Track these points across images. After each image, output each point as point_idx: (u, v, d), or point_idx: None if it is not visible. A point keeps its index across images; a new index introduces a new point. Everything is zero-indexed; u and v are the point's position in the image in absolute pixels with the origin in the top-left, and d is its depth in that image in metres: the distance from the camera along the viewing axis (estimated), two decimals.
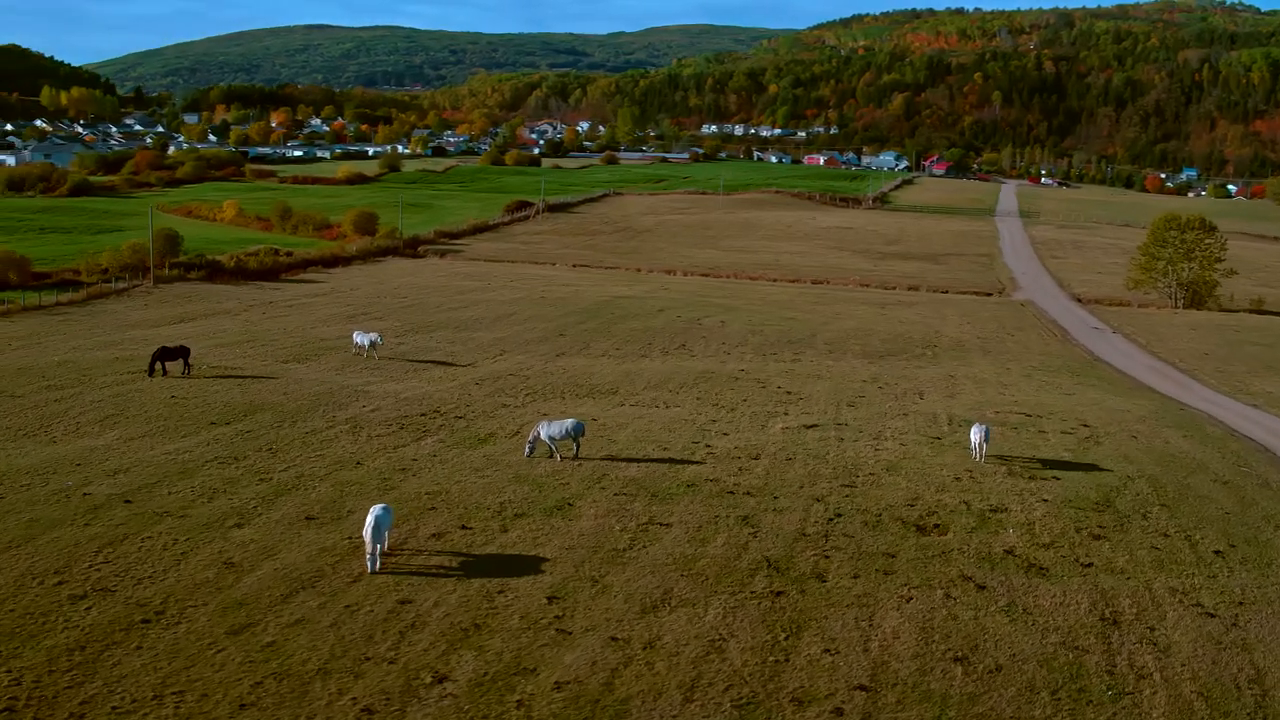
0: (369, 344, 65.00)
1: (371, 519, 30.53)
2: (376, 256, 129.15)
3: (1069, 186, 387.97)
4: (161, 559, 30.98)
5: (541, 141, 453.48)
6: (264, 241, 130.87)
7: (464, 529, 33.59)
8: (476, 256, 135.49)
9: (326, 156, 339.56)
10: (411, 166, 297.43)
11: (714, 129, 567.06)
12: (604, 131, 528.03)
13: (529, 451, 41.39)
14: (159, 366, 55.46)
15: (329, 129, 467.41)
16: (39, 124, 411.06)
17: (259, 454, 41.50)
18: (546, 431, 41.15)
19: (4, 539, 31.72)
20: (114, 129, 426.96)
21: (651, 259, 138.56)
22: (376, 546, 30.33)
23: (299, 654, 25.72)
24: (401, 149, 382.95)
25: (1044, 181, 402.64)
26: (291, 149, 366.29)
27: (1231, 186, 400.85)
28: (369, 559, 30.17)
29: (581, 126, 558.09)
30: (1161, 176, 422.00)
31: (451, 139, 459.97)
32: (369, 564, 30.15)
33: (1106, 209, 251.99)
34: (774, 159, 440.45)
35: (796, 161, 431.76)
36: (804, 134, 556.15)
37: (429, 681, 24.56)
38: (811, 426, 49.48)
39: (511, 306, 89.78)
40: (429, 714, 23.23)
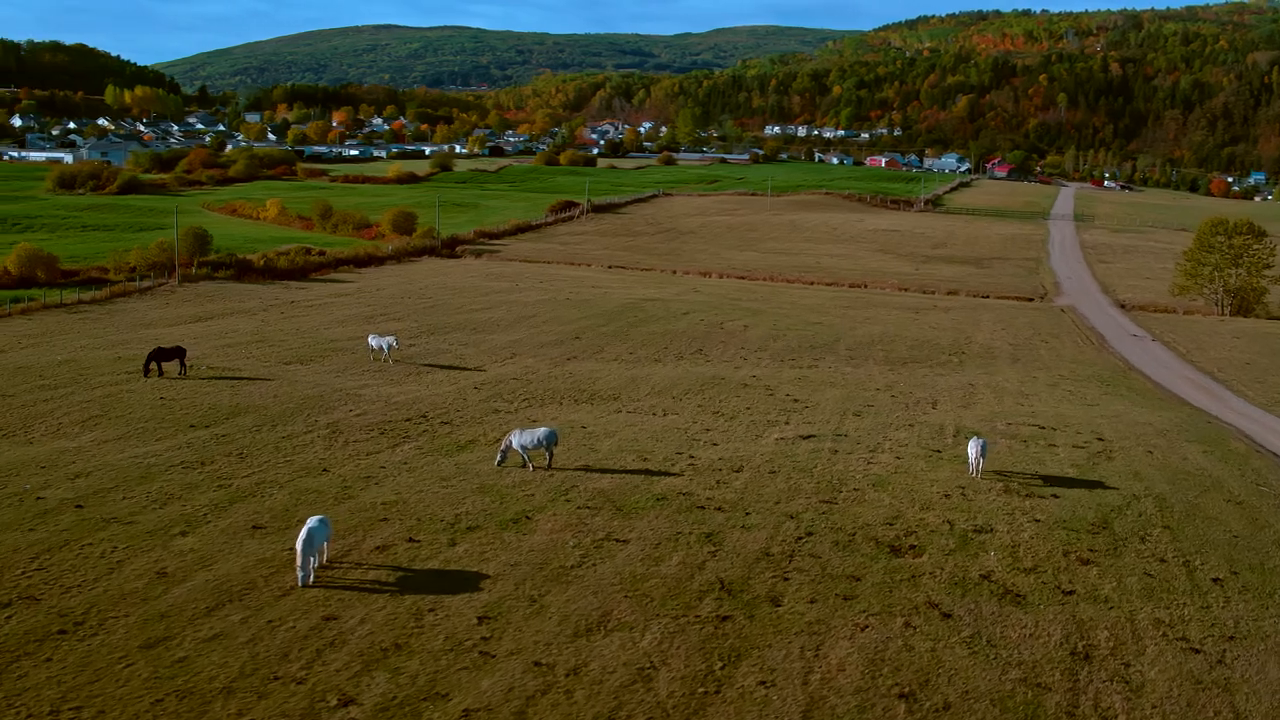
0: (385, 348, 63.92)
1: (305, 531, 29.46)
2: (411, 256, 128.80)
3: (1132, 190, 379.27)
4: (95, 567, 30.15)
5: (601, 142, 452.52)
6: (303, 241, 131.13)
7: (411, 542, 32.36)
8: (513, 257, 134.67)
9: (383, 156, 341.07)
10: (465, 166, 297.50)
11: (777, 130, 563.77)
12: (665, 132, 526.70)
13: (500, 461, 40.11)
14: (154, 367, 55.03)
15: (388, 128, 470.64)
16: (102, 123, 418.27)
17: (227, 459, 40.66)
18: (518, 441, 39.83)
19: None
20: (175, 127, 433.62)
21: (690, 261, 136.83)
22: (309, 559, 29.22)
23: (208, 671, 24.68)
24: (459, 148, 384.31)
25: (1107, 185, 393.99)
26: (348, 148, 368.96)
27: None
28: (300, 572, 29.05)
29: (644, 127, 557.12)
30: (1228, 180, 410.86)
31: (511, 139, 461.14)
32: (300, 577, 29.03)
33: (1165, 213, 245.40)
34: (835, 160, 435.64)
35: (859, 163, 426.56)
36: (867, 136, 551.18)
37: (334, 704, 23.38)
38: (808, 437, 47.67)
39: (533, 308, 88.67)
40: None
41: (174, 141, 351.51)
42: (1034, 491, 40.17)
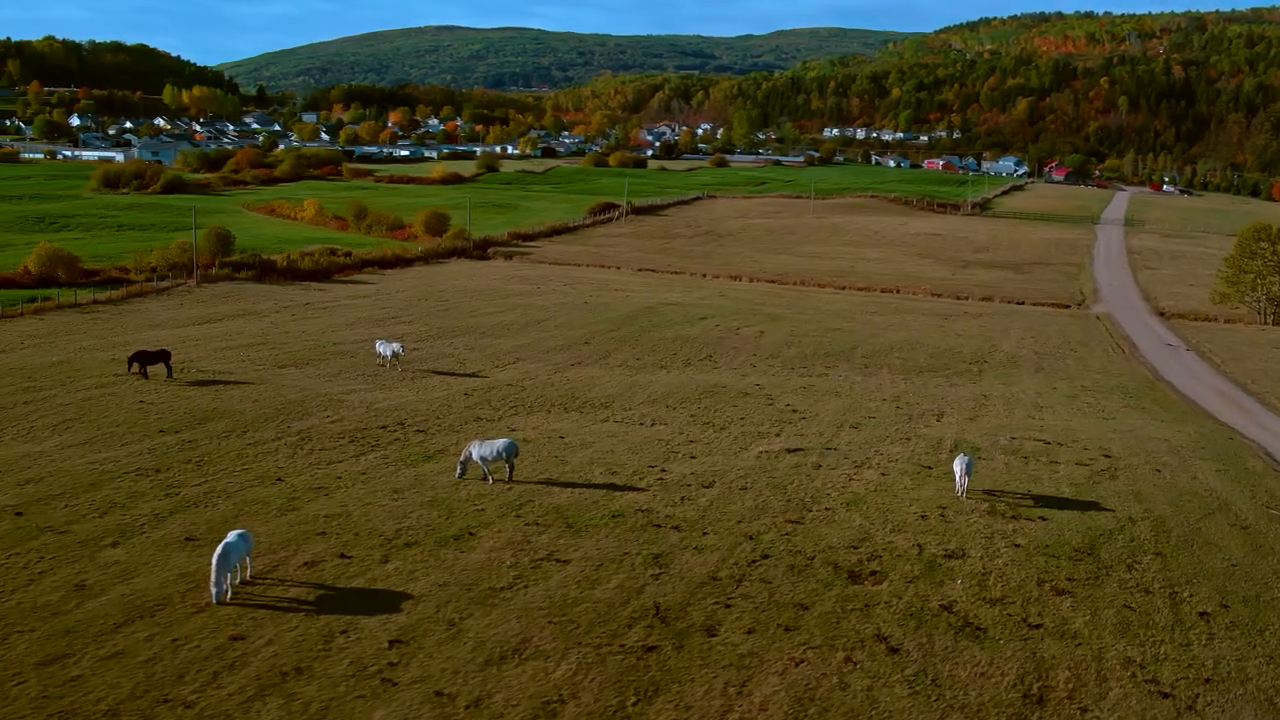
0: (391, 354, 62.52)
1: (221, 547, 28.32)
2: (441, 258, 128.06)
3: (1190, 194, 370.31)
4: (16, 579, 29.24)
5: (656, 143, 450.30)
6: (336, 242, 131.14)
7: (342, 558, 31.07)
8: (543, 259, 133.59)
9: (434, 156, 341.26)
10: (513, 167, 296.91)
11: (835, 133, 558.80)
12: (721, 134, 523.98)
13: (460, 473, 38.74)
14: (135, 368, 54.38)
15: (442, 129, 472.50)
16: (158, 122, 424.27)
17: (184, 466, 39.70)
18: (478, 452, 38.44)
19: None
20: (231, 127, 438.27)
21: (722, 264, 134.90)
22: (224, 576, 28.04)
23: (98, 691, 23.60)
24: (511, 149, 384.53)
25: (1166, 189, 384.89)
26: (399, 148, 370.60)
27: None
28: (213, 589, 27.87)
29: (701, 129, 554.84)
30: None
31: (566, 140, 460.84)
32: (213, 594, 27.85)
33: (1221, 218, 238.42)
34: (891, 163, 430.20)
35: (915, 166, 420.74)
36: (926, 138, 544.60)
37: None
38: (794, 450, 45.80)
39: (548, 312, 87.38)
40: None
41: (227, 141, 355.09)
42: (1021, 513, 38.04)
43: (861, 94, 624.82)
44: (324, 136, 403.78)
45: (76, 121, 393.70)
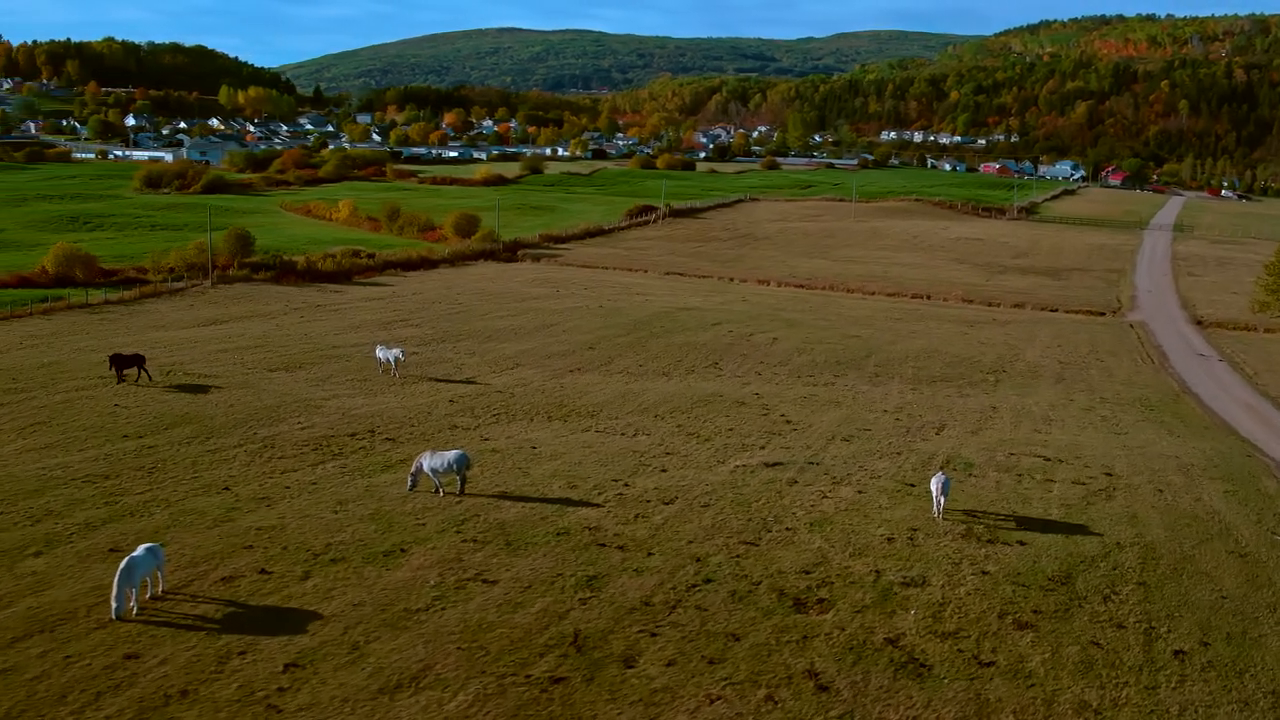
0: (392, 360, 61.21)
1: (125, 560, 27.21)
2: (468, 260, 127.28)
3: (1249, 199, 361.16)
4: None
5: (710, 145, 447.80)
6: (366, 242, 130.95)
7: (262, 573, 29.84)
8: (572, 262, 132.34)
9: (483, 158, 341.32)
10: (560, 169, 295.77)
11: (893, 135, 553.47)
12: (776, 137, 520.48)
13: (412, 485, 37.43)
14: (113, 371, 53.81)
15: (495, 130, 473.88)
16: (212, 123, 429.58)
17: (134, 473, 38.77)
18: (428, 464, 37.10)
19: None
20: (284, 128, 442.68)
21: (752, 268, 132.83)
22: (125, 590, 26.92)
23: None
24: (562, 151, 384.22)
25: (1224, 194, 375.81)
26: (449, 149, 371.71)
27: None
28: (113, 604, 26.75)
29: (756, 131, 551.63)
30: None
31: (620, 141, 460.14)
32: (113, 609, 26.74)
33: (1275, 224, 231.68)
34: (947, 167, 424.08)
35: (972, 169, 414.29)
36: (983, 141, 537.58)
37: None
38: (773, 465, 43.97)
39: (559, 316, 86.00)
40: None
41: (278, 142, 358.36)
42: (999, 536, 35.96)
43: (919, 97, 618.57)
44: (375, 137, 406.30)
45: (131, 121, 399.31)
